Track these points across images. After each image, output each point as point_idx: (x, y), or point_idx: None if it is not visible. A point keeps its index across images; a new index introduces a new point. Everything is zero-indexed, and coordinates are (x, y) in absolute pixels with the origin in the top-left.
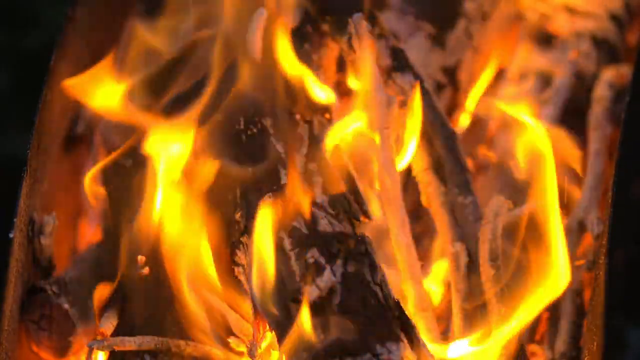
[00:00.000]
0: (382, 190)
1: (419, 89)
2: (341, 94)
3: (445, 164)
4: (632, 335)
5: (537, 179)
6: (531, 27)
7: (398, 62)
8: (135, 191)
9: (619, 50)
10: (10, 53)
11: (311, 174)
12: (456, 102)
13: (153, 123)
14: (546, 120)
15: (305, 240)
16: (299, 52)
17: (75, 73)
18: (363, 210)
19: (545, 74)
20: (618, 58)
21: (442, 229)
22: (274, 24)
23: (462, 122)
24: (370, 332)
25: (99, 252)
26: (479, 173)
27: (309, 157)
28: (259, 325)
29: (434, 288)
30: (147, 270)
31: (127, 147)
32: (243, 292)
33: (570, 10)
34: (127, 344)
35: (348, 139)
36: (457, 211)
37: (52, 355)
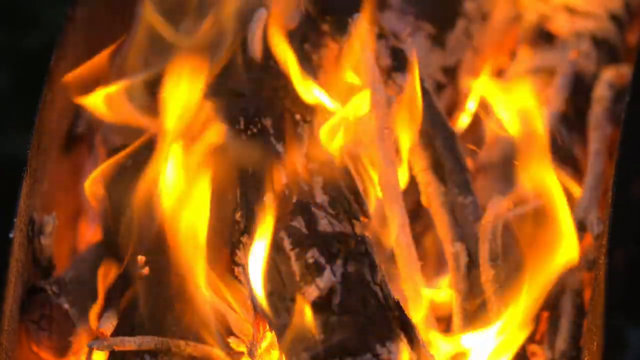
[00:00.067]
0: (382, 190)
1: (418, 85)
2: (341, 93)
3: (445, 164)
4: (632, 335)
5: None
6: (531, 27)
7: (398, 62)
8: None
9: (619, 50)
10: (10, 53)
11: (311, 174)
12: (456, 102)
13: (154, 123)
14: (546, 120)
15: (305, 240)
16: (299, 52)
17: (75, 73)
18: (363, 210)
19: (545, 74)
20: (618, 58)
21: (442, 229)
22: (273, 24)
23: (462, 122)
24: (370, 332)
25: (99, 252)
26: (479, 173)
27: (309, 157)
28: (259, 325)
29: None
30: (147, 270)
31: (130, 150)
32: (243, 292)
33: (570, 10)
34: (127, 344)
35: (348, 139)
36: (457, 211)
37: (52, 355)
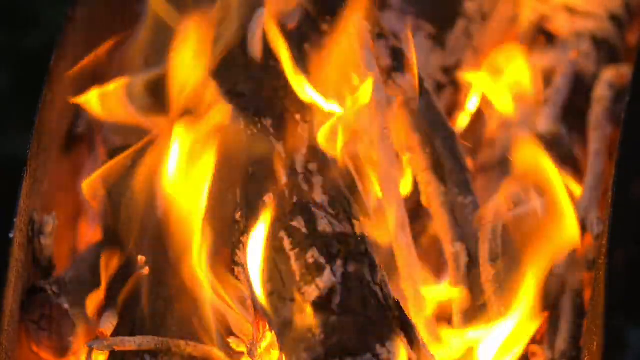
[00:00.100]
0: (382, 190)
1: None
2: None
3: (445, 164)
4: (632, 335)
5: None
6: (531, 27)
7: (398, 62)
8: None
9: (619, 50)
10: (10, 53)
11: (311, 173)
12: (456, 102)
13: (154, 123)
14: (546, 120)
15: (305, 240)
16: (299, 52)
17: (75, 73)
18: (363, 210)
19: (545, 74)
20: (618, 58)
21: (442, 229)
22: (272, 24)
23: (462, 122)
24: (370, 332)
25: (99, 252)
26: (479, 173)
27: (308, 157)
28: (259, 325)
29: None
30: (147, 270)
31: (130, 152)
32: (243, 292)
33: (570, 10)
34: (127, 344)
35: (348, 138)
36: (457, 211)
37: (52, 355)
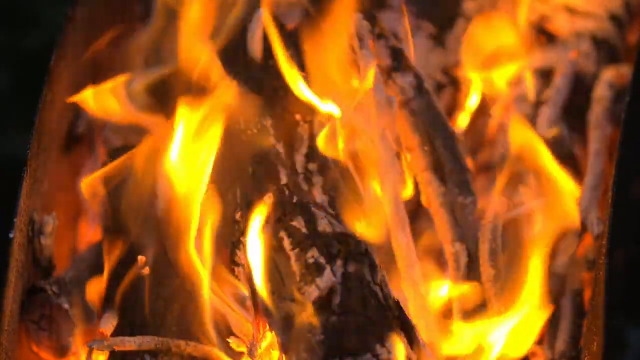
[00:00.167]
0: (382, 190)
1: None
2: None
3: (445, 164)
4: (632, 335)
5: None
6: (531, 27)
7: (398, 62)
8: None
9: (619, 50)
10: (10, 53)
11: (311, 173)
12: (456, 102)
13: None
14: (546, 120)
15: (305, 240)
16: (299, 52)
17: (75, 73)
18: (363, 210)
19: (545, 74)
20: (618, 58)
21: (442, 229)
22: (271, 25)
23: (462, 122)
24: (370, 332)
25: (99, 252)
26: (479, 173)
27: (309, 157)
28: (259, 325)
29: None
30: (147, 270)
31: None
32: (243, 292)
33: (570, 10)
34: (127, 344)
35: (348, 139)
36: (457, 211)
37: (52, 355)
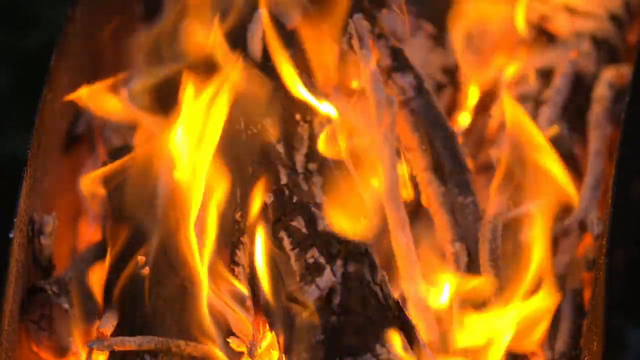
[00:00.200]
0: (382, 190)
1: None
2: (341, 94)
3: (445, 164)
4: (632, 335)
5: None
6: (531, 27)
7: (398, 62)
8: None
9: (619, 50)
10: (10, 53)
11: (311, 173)
12: (456, 102)
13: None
14: (546, 120)
15: (305, 240)
16: (299, 52)
17: (75, 73)
18: (363, 210)
19: (545, 74)
20: (618, 58)
21: (442, 229)
22: (271, 25)
23: (462, 122)
24: (370, 332)
25: (99, 252)
26: (479, 173)
27: (308, 157)
28: (259, 325)
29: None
30: (147, 270)
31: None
32: (243, 292)
33: (570, 10)
34: (127, 344)
35: (347, 139)
36: (457, 211)
37: (52, 355)
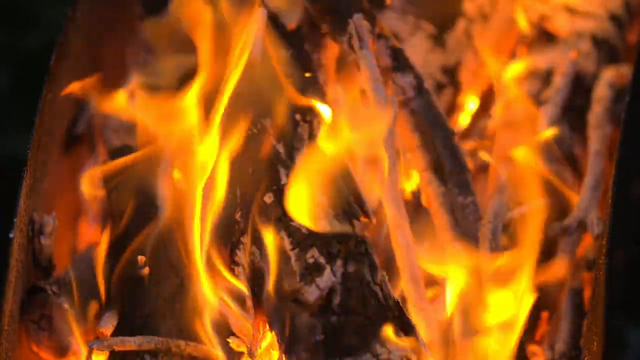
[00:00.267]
0: (382, 190)
1: None
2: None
3: (445, 164)
4: (632, 335)
5: None
6: (527, 29)
7: (398, 62)
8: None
9: (619, 50)
10: (10, 53)
11: (311, 173)
12: (456, 102)
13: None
14: (546, 120)
15: (305, 240)
16: (299, 52)
17: (75, 73)
18: (363, 210)
19: (545, 74)
20: (618, 58)
21: (442, 229)
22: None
23: (462, 122)
24: (370, 332)
25: (99, 252)
26: (479, 173)
27: (309, 157)
28: (259, 325)
29: None
30: (147, 270)
31: (132, 157)
32: (243, 292)
33: (570, 10)
34: (127, 344)
35: (348, 140)
36: (457, 211)
37: (52, 355)
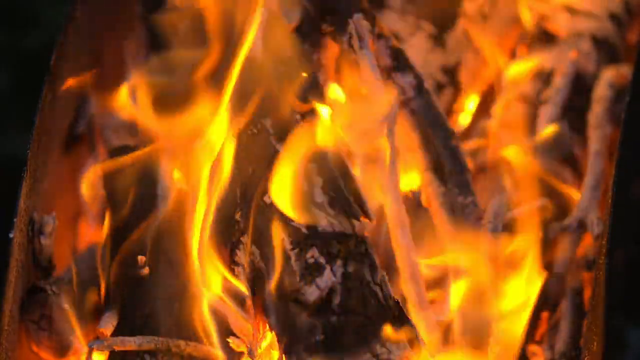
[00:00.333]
0: (382, 190)
1: None
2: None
3: (445, 164)
4: (632, 335)
5: None
6: (531, 27)
7: (398, 62)
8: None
9: (619, 50)
10: (10, 53)
11: (311, 173)
12: (456, 102)
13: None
14: (546, 120)
15: (305, 240)
16: (299, 52)
17: (75, 73)
18: (363, 210)
19: (545, 74)
20: (618, 58)
21: (442, 229)
22: (274, 24)
23: (462, 122)
24: (370, 332)
25: (99, 252)
26: (479, 173)
27: (309, 157)
28: (259, 325)
29: None
30: (147, 270)
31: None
32: (243, 292)
33: (570, 10)
34: (127, 344)
35: (347, 140)
36: (457, 211)
37: (52, 355)
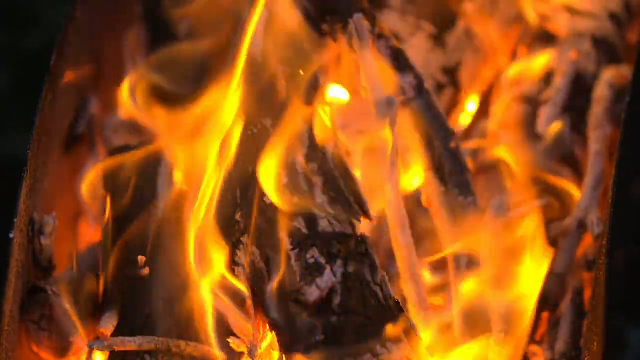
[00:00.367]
0: (382, 191)
1: None
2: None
3: (445, 164)
4: (632, 335)
5: None
6: (531, 27)
7: (398, 62)
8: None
9: (618, 50)
10: (10, 53)
11: (311, 173)
12: (456, 102)
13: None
14: (546, 120)
15: (305, 240)
16: (299, 51)
17: (75, 73)
18: (363, 210)
19: (545, 74)
20: (618, 58)
21: (442, 229)
22: (274, 24)
23: (462, 122)
24: (370, 332)
25: (99, 253)
26: (479, 173)
27: (308, 157)
28: (259, 325)
29: None
30: (147, 270)
31: (133, 156)
32: (243, 292)
33: (570, 10)
34: (127, 344)
35: (347, 140)
36: (457, 211)
37: (52, 355)
